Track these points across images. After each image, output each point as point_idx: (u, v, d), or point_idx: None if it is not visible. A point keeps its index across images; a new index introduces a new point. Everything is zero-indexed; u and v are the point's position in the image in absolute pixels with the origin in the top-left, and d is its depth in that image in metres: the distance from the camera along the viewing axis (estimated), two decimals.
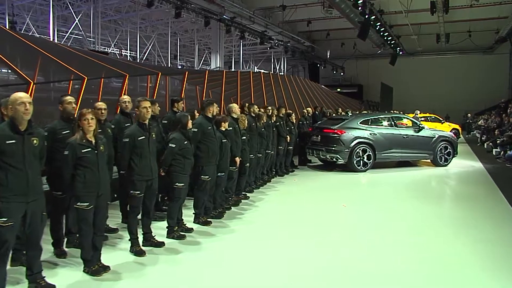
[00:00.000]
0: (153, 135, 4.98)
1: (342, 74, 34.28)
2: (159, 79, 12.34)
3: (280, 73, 26.96)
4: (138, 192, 4.80)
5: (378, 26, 23.90)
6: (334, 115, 13.59)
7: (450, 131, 19.47)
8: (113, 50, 25.36)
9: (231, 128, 6.93)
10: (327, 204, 7.37)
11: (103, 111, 5.36)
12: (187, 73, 13.85)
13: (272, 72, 28.69)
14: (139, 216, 4.93)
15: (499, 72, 31.36)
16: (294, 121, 11.12)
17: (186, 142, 5.41)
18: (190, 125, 5.52)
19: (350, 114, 12.45)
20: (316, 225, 6.09)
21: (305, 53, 29.66)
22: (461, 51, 31.55)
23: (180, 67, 30.48)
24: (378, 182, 9.77)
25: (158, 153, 5.19)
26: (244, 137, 7.47)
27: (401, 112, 23.20)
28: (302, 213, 6.74)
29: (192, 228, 5.72)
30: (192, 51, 29.04)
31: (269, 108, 9.43)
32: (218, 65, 24.34)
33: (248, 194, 7.85)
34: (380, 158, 10.80)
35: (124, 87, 10.68)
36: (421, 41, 30.94)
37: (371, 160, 10.65)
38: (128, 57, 23.23)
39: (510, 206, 7.19)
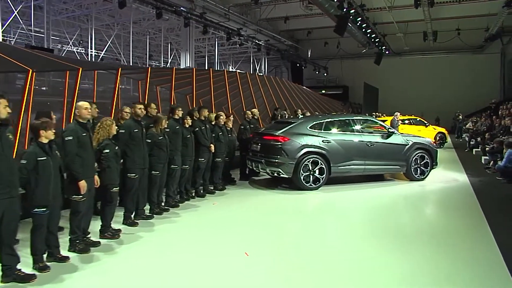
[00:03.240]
0: None
1: (325, 74, 31.55)
2: (79, 75, 9.83)
3: (251, 73, 24.10)
4: None
5: (360, 22, 21.19)
6: (290, 117, 10.87)
7: (436, 135, 16.91)
8: (76, 49, 22.82)
9: (70, 138, 4.35)
10: (228, 250, 4.71)
11: None
12: (120, 69, 11.28)
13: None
14: None
15: (490, 73, 28.63)
16: (229, 125, 8.53)
17: None
18: None
19: (301, 115, 9.76)
20: None
21: (282, 52, 26.92)
22: (450, 50, 28.89)
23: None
24: (327, 207, 7.13)
25: None
26: (107, 150, 4.87)
27: (384, 115, 20.62)
28: (174, 274, 4.10)
29: None
30: (166, 51, 26.42)
31: (179, 109, 6.79)
32: (188, 65, 21.79)
33: (127, 229, 5.25)
34: (336, 172, 8.15)
35: (27, 84, 8.21)
36: (408, 40, 28.32)
37: (324, 175, 7.99)
38: (89, 56, 20.65)
39: (501, 254, 4.55)
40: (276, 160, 7.84)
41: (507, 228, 5.60)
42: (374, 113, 20.13)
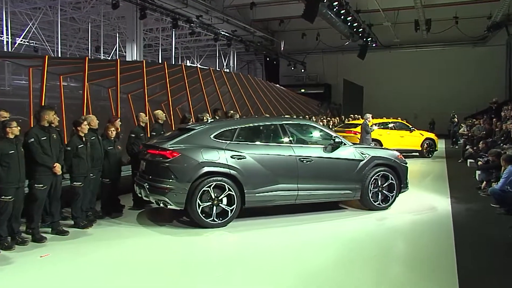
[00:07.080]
0: None
1: (302, 70, 29.50)
2: None
3: (204, 68, 21.84)
4: None
5: (337, 8, 19.22)
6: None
7: (423, 143, 14.90)
8: None
9: None
10: None
11: None
12: None
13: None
14: None
15: (494, 68, 26.69)
16: (112, 133, 6.44)
17: None
18: None
19: (211, 120, 7.56)
20: None
21: (247, 43, 24.73)
22: (447, 42, 27.02)
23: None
24: (227, 264, 4.88)
25: None
26: None
27: (361, 117, 18.56)
28: None
29: None
30: (116, 42, 24.28)
31: None
32: (136, 58, 19.67)
33: None
34: (253, 201, 6.01)
35: None
36: (398, 31, 26.41)
37: (234, 206, 5.86)
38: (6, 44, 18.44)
39: None
40: (162, 185, 5.70)
41: None
42: (351, 115, 18.15)
